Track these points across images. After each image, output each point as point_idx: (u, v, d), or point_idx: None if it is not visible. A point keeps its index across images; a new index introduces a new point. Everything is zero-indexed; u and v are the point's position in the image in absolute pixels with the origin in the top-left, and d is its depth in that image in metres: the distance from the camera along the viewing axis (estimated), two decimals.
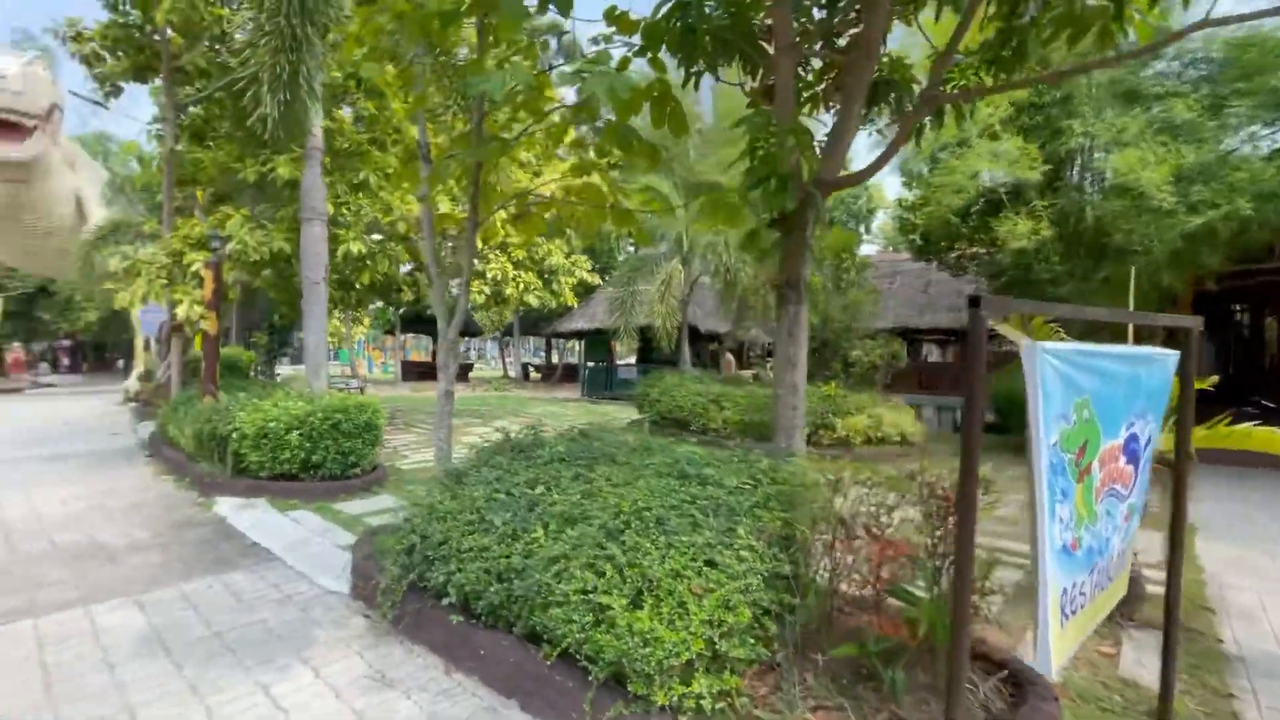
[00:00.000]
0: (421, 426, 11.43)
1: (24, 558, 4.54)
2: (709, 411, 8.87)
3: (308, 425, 6.02)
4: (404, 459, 8.16)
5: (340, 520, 5.48)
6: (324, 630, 3.53)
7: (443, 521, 3.28)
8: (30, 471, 7.43)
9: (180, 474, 6.99)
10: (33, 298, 28.09)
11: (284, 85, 4.93)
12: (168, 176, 8.27)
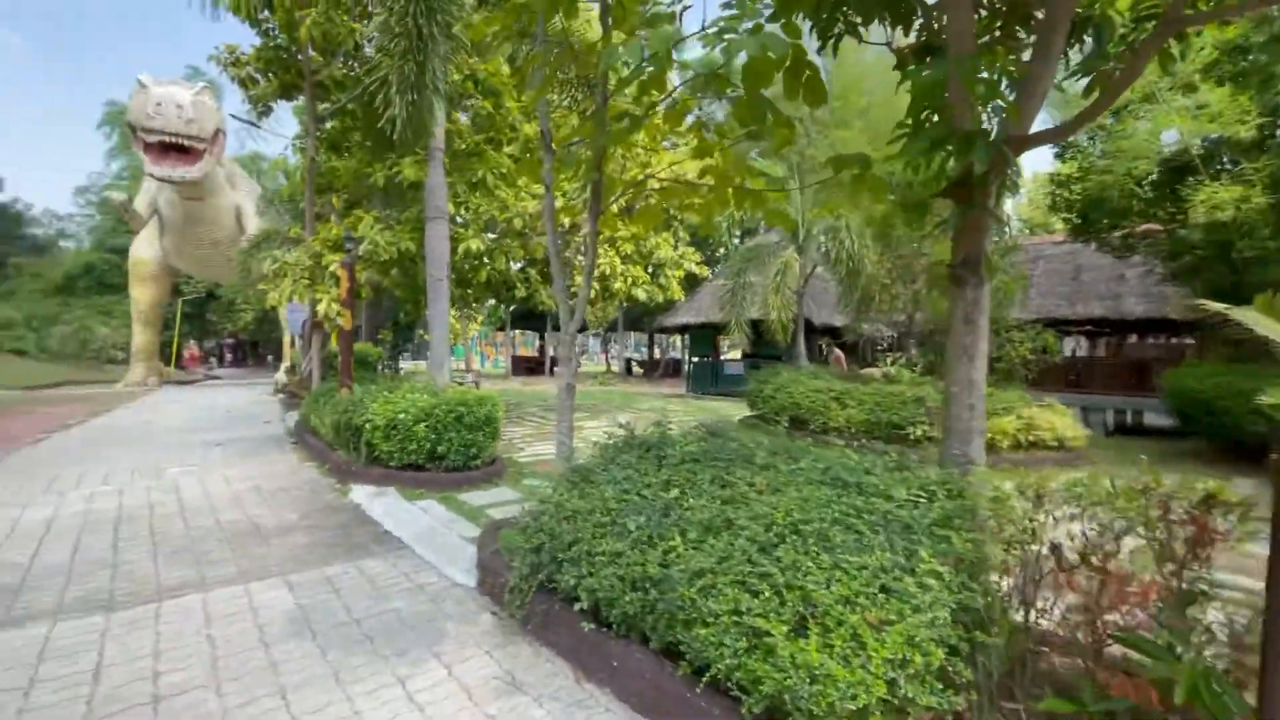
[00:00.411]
0: (532, 419, 11.70)
1: (196, 534, 4.96)
2: (830, 409, 8.29)
3: (433, 418, 6.20)
4: (519, 451, 8.30)
5: (464, 511, 5.58)
6: (454, 624, 3.51)
7: (571, 521, 3.13)
8: (202, 455, 8.30)
9: (321, 461, 7.50)
10: (203, 301, 32.07)
11: (411, 85, 5.06)
12: (309, 185, 8.98)
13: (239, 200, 19.73)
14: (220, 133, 17.01)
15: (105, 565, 4.29)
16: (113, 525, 5.21)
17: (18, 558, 4.42)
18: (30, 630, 3.35)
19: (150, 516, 5.46)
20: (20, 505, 5.78)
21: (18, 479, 6.83)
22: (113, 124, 33.66)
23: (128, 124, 15.92)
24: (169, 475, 7.04)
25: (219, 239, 19.41)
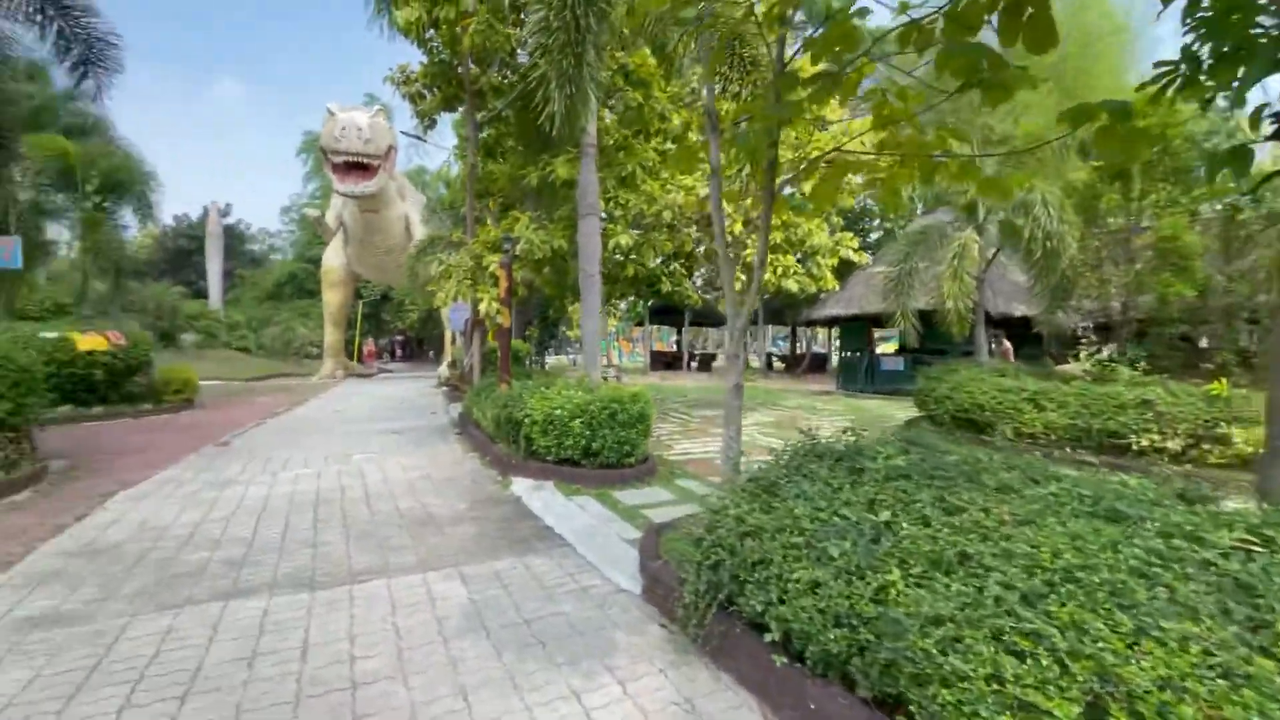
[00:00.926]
0: (675, 415, 11.55)
1: (379, 520, 5.32)
2: (1022, 412, 7.18)
3: (588, 414, 6.18)
4: (667, 449, 8.15)
5: (620, 510, 5.48)
6: (623, 635, 3.34)
7: (756, 539, 2.80)
8: (380, 443, 9.10)
9: (483, 453, 7.87)
10: (379, 303, 35.98)
11: (570, 79, 5.01)
12: (469, 190, 9.51)
13: (407, 210, 21.75)
14: (392, 149, 18.80)
15: (308, 545, 4.69)
16: (312, 506, 5.75)
17: (243, 532, 4.99)
18: (253, 602, 3.69)
19: (341, 500, 5.98)
20: (244, 483, 6.62)
21: (242, 459, 7.89)
22: (308, 151, 38.79)
23: (320, 148, 18.09)
24: (355, 461, 7.74)
25: (391, 246, 21.53)
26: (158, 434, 10.05)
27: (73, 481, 6.73)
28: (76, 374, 11.33)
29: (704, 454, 8.00)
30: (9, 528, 5.11)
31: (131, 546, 4.65)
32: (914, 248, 9.26)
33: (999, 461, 2.71)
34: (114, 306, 14.97)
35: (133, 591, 3.84)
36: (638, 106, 8.19)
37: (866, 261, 10.52)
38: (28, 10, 7.17)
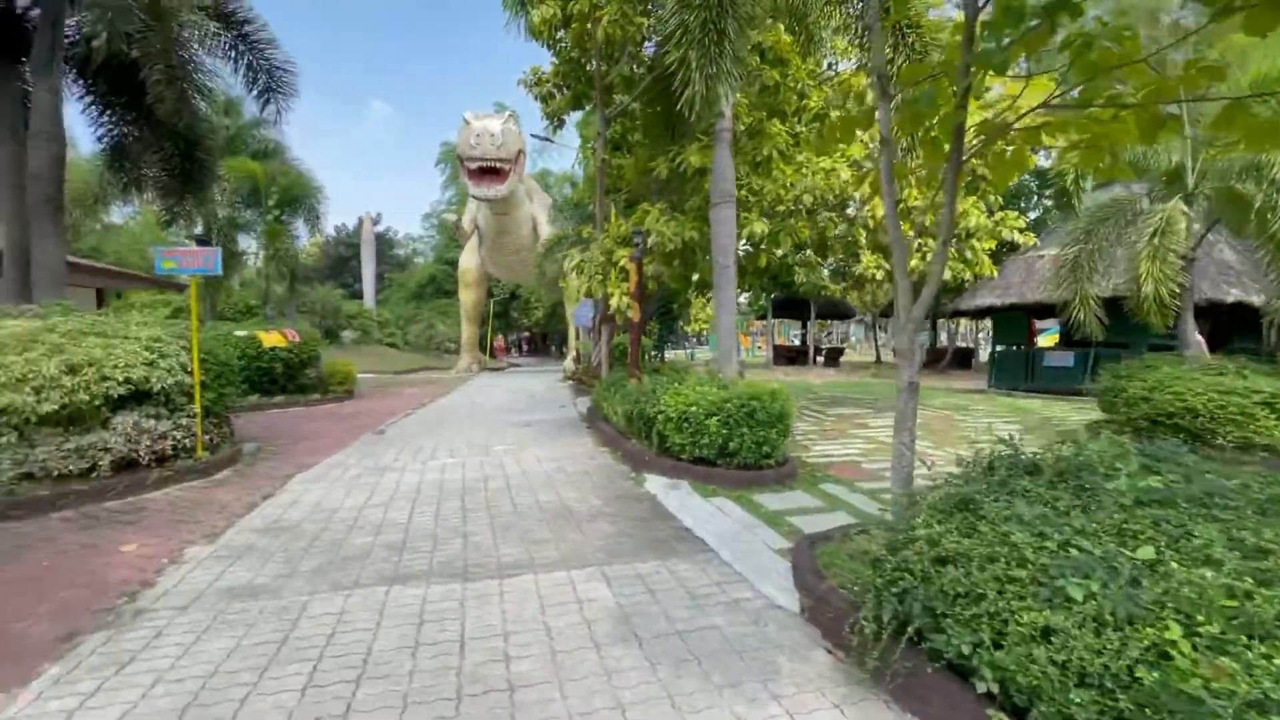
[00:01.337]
0: (808, 414, 10.94)
1: (521, 513, 5.40)
2: (1254, 419, 5.88)
3: (724, 412, 5.91)
4: (805, 450, 7.67)
5: (763, 515, 5.15)
6: (785, 658, 3.03)
7: (957, 567, 2.38)
8: (515, 435, 9.43)
9: (614, 448, 7.86)
10: (508, 301, 38.05)
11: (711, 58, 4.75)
12: (599, 185, 9.58)
13: (534, 211, 22.64)
14: (521, 153, 19.61)
15: (458, 535, 4.84)
16: (459, 495, 5.98)
17: (400, 518, 5.27)
18: (412, 590, 3.82)
19: (485, 490, 6.17)
20: (399, 470, 7.08)
21: (396, 447, 8.49)
22: (445, 160, 41.79)
23: (457, 156, 19.28)
24: (495, 452, 8.04)
25: (520, 246, 22.53)
26: (325, 422, 11.15)
27: (261, 462, 7.57)
28: (262, 367, 12.90)
29: (845, 456, 7.43)
30: (215, 502, 5.80)
31: (308, 526, 5.06)
32: (1098, 225, 7.93)
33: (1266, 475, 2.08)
34: (290, 307, 16.93)
35: (310, 570, 4.14)
36: (774, 85, 7.73)
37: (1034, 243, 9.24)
38: (225, 48, 8.17)
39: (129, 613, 3.54)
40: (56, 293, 7.10)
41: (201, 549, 4.56)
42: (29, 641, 3.26)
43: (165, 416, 6.61)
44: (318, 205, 16.09)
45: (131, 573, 4.15)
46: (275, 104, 8.90)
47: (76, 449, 5.78)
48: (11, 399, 5.50)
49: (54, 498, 5.50)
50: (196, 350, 6.85)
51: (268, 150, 18.90)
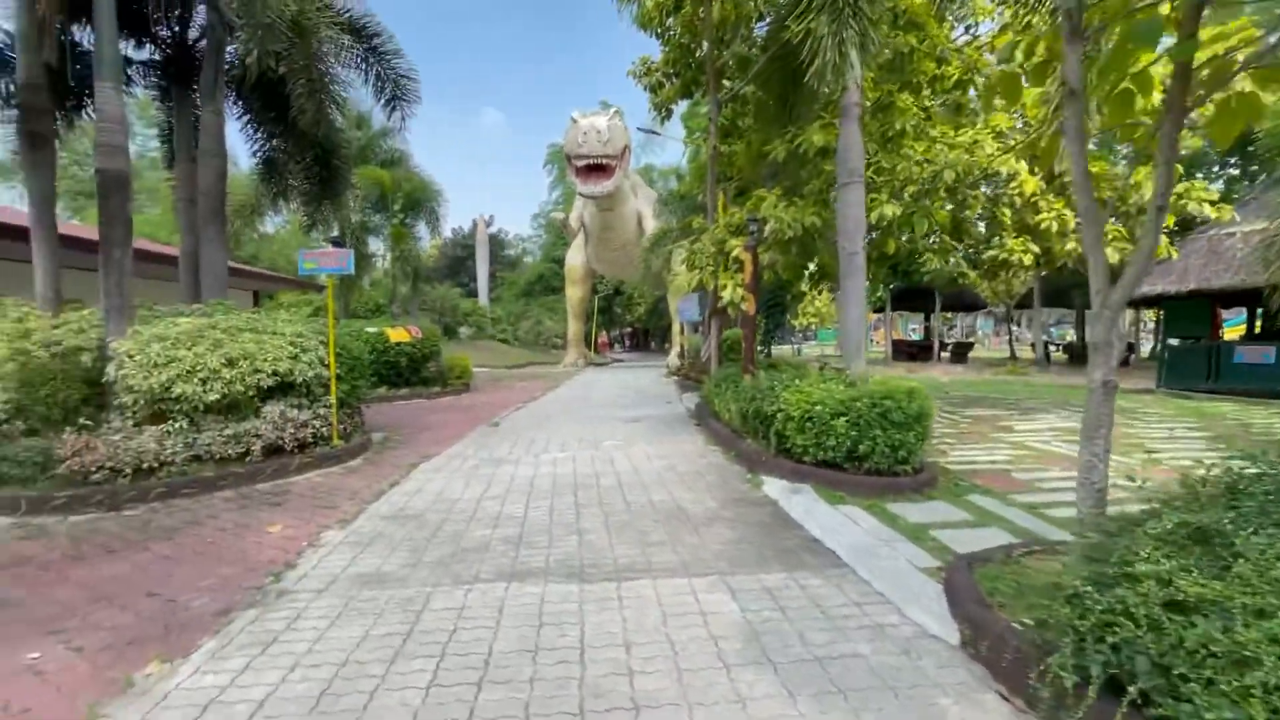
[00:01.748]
0: (942, 416, 9.98)
1: (635, 512, 5.22)
2: None
3: (853, 411, 5.40)
4: (942, 455, 6.92)
5: (901, 528, 4.62)
6: (950, 701, 2.59)
7: (1207, 618, 1.85)
8: (624, 430, 9.34)
9: (726, 447, 7.52)
10: (611, 297, 38.59)
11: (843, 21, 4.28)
12: (710, 173, 9.25)
13: (639, 206, 22.65)
14: (627, 149, 19.65)
15: (573, 532, 4.73)
16: (572, 490, 5.92)
17: (516, 511, 5.27)
18: (530, 588, 3.73)
19: (597, 486, 6.07)
20: (513, 462, 7.18)
21: (510, 439, 8.67)
22: (553, 161, 43.08)
23: (564, 154, 19.65)
24: (604, 448, 7.97)
25: (625, 242, 22.64)
26: (445, 413, 11.70)
27: (388, 451, 7.99)
28: (389, 361, 13.80)
29: (991, 464, 6.62)
30: (348, 489, 6.13)
31: (431, 516, 5.17)
32: None
33: None
34: (413, 305, 18.06)
35: (433, 561, 4.18)
36: (909, 52, 6.99)
37: (1232, 217, 7.73)
38: (357, 60, 8.72)
39: (274, 593, 3.72)
40: (220, 293, 7.89)
41: (336, 534, 4.78)
42: (192, 613, 3.50)
43: (306, 406, 7.11)
44: (437, 208, 17.04)
45: (277, 553, 4.40)
46: (400, 111, 9.40)
47: (234, 435, 6.33)
48: (183, 389, 6.10)
49: (216, 478, 6.04)
50: (333, 345, 7.32)
51: (394, 159, 20.29)
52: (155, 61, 8.91)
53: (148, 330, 6.18)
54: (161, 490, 5.70)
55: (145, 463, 5.80)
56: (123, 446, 5.76)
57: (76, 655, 3.08)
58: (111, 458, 5.67)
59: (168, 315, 6.79)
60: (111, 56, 6.21)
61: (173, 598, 3.70)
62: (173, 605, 3.60)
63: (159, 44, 8.67)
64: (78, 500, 5.41)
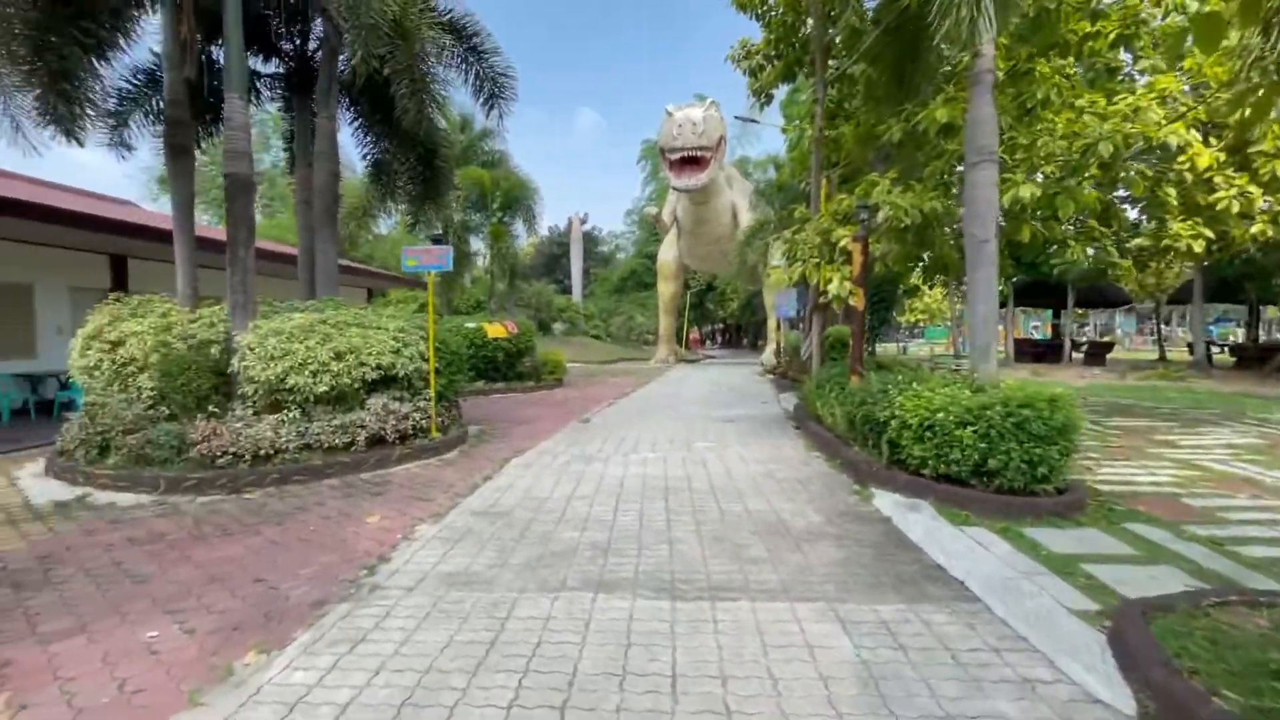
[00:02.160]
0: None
1: (730, 522, 4.86)
2: None
3: (984, 420, 4.74)
4: (1089, 473, 6.02)
5: (1044, 559, 3.96)
6: None
7: None
8: (717, 431, 8.96)
9: (830, 453, 6.97)
10: (704, 293, 38.11)
11: None
12: (815, 158, 8.65)
13: (734, 199, 22.06)
14: (722, 140, 19.16)
15: (663, 540, 4.46)
16: (663, 494, 5.65)
17: (605, 514, 5.07)
18: (618, 601, 3.48)
19: (689, 490, 5.76)
20: (603, 461, 7.03)
21: (600, 436, 8.56)
22: (646, 158, 43.14)
23: (659, 149, 19.46)
24: (697, 449, 7.65)
25: (719, 235, 22.14)
26: (537, 408, 11.85)
27: (483, 444, 8.11)
28: (486, 356, 14.21)
29: (1154, 486, 5.66)
30: (443, 481, 6.21)
31: (520, 514, 5.09)
32: None
33: None
34: (509, 302, 18.57)
35: (520, 563, 4.05)
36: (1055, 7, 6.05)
37: None
38: (456, 60, 8.92)
39: (367, 587, 3.72)
40: (332, 290, 8.34)
41: (429, 528, 4.79)
42: (291, 603, 3.55)
43: (407, 399, 7.32)
44: (533, 205, 17.41)
45: (373, 544, 4.46)
46: (497, 109, 9.54)
47: (341, 425, 6.60)
48: (296, 380, 6.42)
49: (324, 466, 6.32)
50: (433, 340, 7.49)
51: (493, 160, 20.97)
52: (280, 74, 9.58)
53: (266, 325, 6.57)
54: (276, 476, 6.02)
55: (262, 449, 6.15)
56: (243, 434, 6.14)
57: (188, 637, 3.18)
58: (234, 444, 6.06)
59: (284, 310, 7.21)
60: (238, 69, 6.65)
61: (275, 585, 3.79)
62: (275, 593, 3.68)
63: (283, 58, 9.31)
64: (205, 483, 5.81)
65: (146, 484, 5.84)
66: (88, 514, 5.29)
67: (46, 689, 2.75)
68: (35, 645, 3.12)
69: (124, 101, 8.19)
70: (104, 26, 6.26)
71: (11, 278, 10.51)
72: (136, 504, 5.53)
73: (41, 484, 6.24)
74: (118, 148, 8.24)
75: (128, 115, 8.24)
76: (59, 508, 5.48)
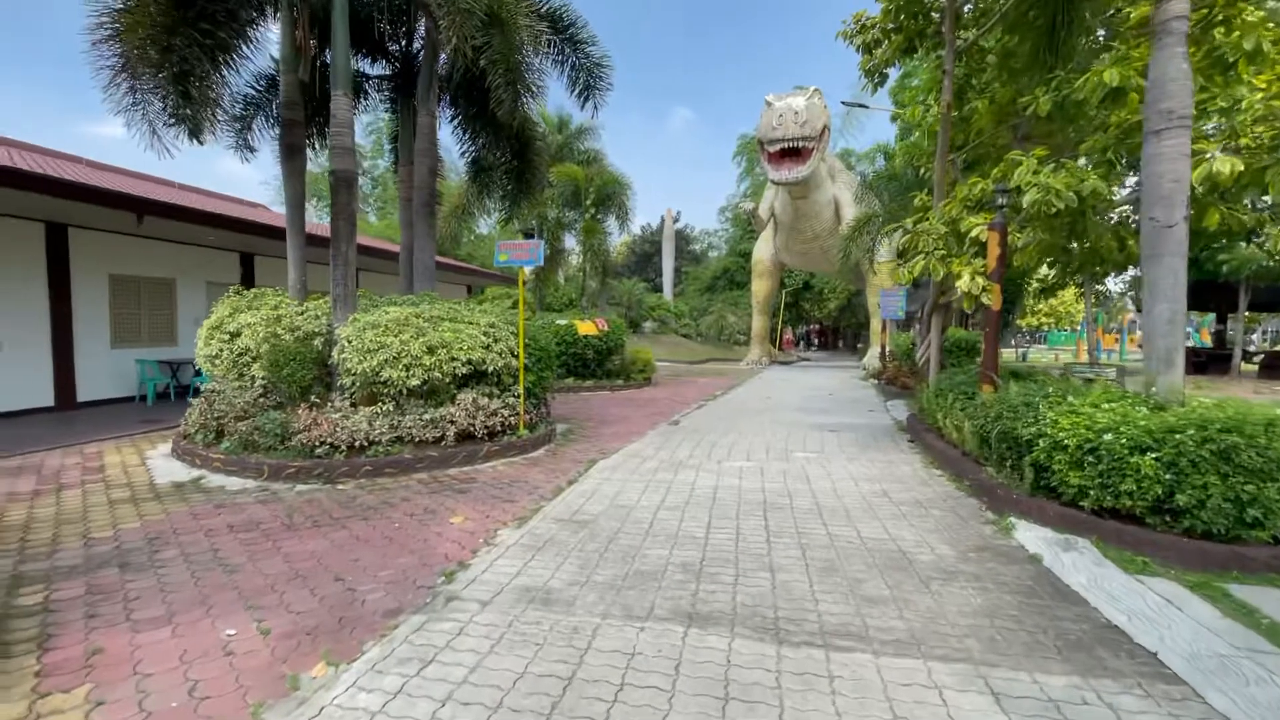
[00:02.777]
0: None
1: (841, 549, 4.25)
2: None
3: (1170, 445, 3.82)
4: None
5: (1266, 630, 3.07)
6: None
7: None
8: (818, 440, 8.23)
9: (954, 473, 6.11)
10: (799, 292, 36.59)
11: None
12: (942, 137, 7.68)
13: (836, 192, 20.81)
14: (826, 129, 18.05)
15: (763, 566, 3.93)
16: (761, 510, 5.10)
17: (697, 530, 4.60)
18: (713, 639, 3.02)
19: (790, 508, 5.18)
20: (694, 468, 6.56)
21: (690, 441, 8.09)
22: (742, 153, 42.08)
23: (757, 141, 18.64)
24: (797, 460, 7.00)
25: (819, 231, 20.98)
26: (626, 407, 11.56)
27: (570, 443, 7.88)
28: (576, 353, 14.13)
29: None
30: (529, 482, 6.00)
31: (605, 524, 4.73)
32: None
33: None
34: (601, 300, 18.50)
35: (604, 582, 3.68)
36: None
37: None
38: (553, 49, 8.78)
39: (443, 597, 3.48)
40: (428, 284, 8.44)
41: (510, 533, 4.54)
42: (366, 608, 3.37)
43: (496, 395, 7.20)
44: (626, 200, 17.19)
45: (453, 548, 4.26)
46: (593, 100, 9.32)
47: (432, 419, 6.56)
48: (390, 374, 6.44)
49: (414, 460, 6.28)
50: (522, 336, 7.34)
51: (588, 159, 21.01)
52: (386, 76, 9.87)
53: (364, 318, 6.64)
54: (368, 468, 6.05)
55: (357, 440, 6.20)
56: (340, 425, 6.22)
57: (263, 639, 3.06)
58: (331, 434, 6.15)
59: (383, 304, 7.31)
60: (344, 68, 6.78)
61: (353, 586, 3.65)
62: (352, 595, 3.53)
63: (389, 59, 9.58)
64: (304, 471, 5.92)
65: (252, 469, 6.04)
66: (199, 496, 5.51)
67: (123, 685, 2.68)
68: (126, 633, 3.11)
69: (247, 106, 8.71)
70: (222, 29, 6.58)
71: (158, 273, 11.59)
72: (242, 489, 5.71)
73: (166, 464, 6.65)
74: (242, 150, 8.78)
75: (250, 119, 8.76)
76: (176, 489, 5.76)
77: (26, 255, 9.51)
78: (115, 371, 10.79)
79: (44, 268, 9.69)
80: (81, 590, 3.60)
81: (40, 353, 9.67)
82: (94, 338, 10.44)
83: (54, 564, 4.01)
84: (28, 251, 9.53)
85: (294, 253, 7.67)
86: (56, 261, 9.80)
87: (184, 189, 14.19)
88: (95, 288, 10.45)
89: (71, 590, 3.60)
